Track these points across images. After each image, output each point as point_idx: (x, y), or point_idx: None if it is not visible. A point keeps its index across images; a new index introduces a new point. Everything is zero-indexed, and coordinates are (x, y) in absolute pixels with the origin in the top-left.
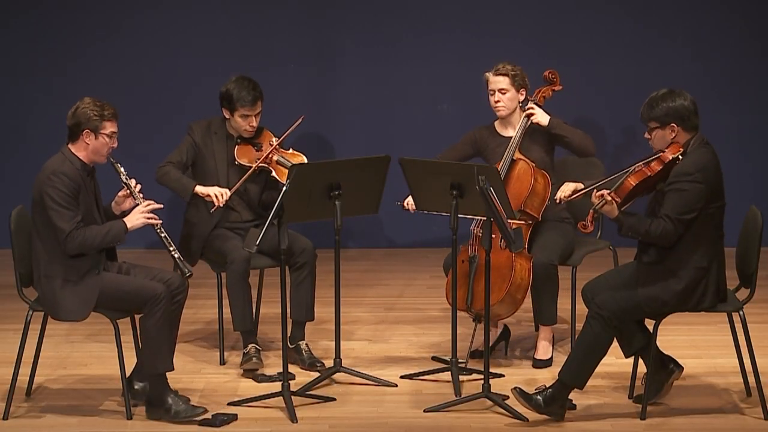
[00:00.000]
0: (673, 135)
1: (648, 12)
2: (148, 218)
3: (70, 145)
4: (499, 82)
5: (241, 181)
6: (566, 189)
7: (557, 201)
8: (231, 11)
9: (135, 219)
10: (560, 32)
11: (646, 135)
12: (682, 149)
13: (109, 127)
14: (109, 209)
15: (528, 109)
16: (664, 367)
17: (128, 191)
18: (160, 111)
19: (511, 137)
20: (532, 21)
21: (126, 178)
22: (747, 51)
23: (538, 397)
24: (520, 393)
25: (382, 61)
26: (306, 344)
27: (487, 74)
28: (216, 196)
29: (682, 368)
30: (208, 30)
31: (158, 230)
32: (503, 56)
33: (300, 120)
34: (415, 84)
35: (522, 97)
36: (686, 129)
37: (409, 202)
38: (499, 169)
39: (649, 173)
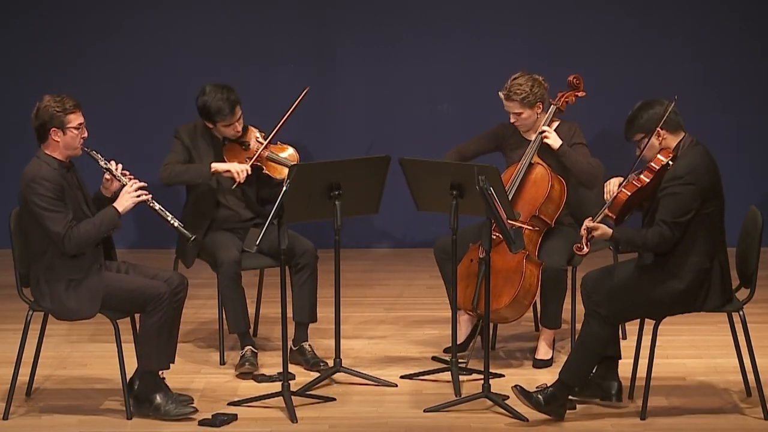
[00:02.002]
0: (661, 139)
1: (648, 12)
2: (138, 196)
3: (42, 147)
4: (511, 107)
5: (250, 164)
6: (613, 187)
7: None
8: (231, 11)
9: (125, 201)
10: (560, 32)
11: (637, 152)
12: (672, 153)
13: (75, 120)
14: (100, 195)
15: (543, 131)
16: (605, 388)
17: (111, 175)
18: (160, 111)
19: (531, 141)
20: (532, 21)
21: (105, 163)
22: (747, 51)
23: (539, 395)
24: (520, 391)
25: (382, 61)
26: (309, 345)
27: (500, 94)
28: (237, 172)
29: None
30: (208, 30)
31: (151, 204)
32: (503, 56)
33: (304, 92)
34: (415, 84)
35: (540, 110)
36: (672, 131)
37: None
38: (516, 171)
39: (639, 185)
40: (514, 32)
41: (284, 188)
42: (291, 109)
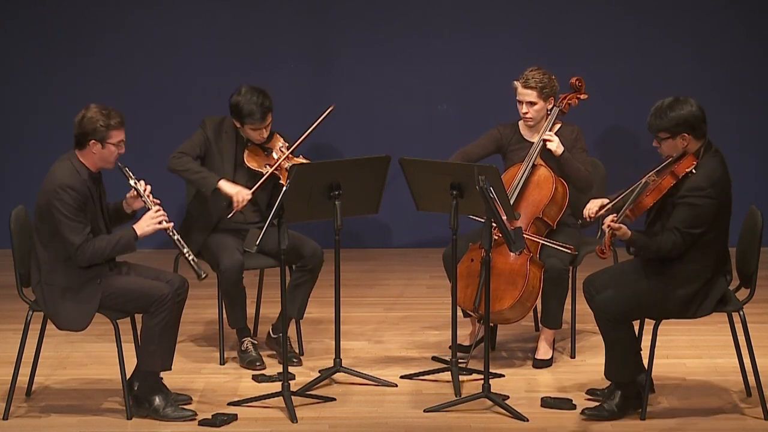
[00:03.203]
0: (685, 144)
1: (649, 12)
2: (159, 222)
3: (77, 152)
4: (527, 95)
5: (257, 186)
6: (593, 206)
7: (587, 219)
8: (232, 10)
9: (145, 225)
10: (560, 32)
11: (655, 143)
12: (695, 161)
13: (116, 136)
14: (120, 208)
15: (547, 136)
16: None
17: (137, 195)
18: (160, 111)
19: (533, 143)
20: (533, 21)
21: (135, 183)
22: (747, 51)
23: (606, 406)
24: (591, 414)
25: (382, 61)
26: (288, 338)
27: (516, 83)
28: (238, 201)
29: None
30: (209, 30)
31: (170, 233)
32: (503, 57)
33: (329, 109)
34: (415, 84)
35: (550, 105)
36: (697, 137)
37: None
38: (519, 172)
39: (665, 190)
40: (515, 33)
41: (284, 188)
42: (315, 124)
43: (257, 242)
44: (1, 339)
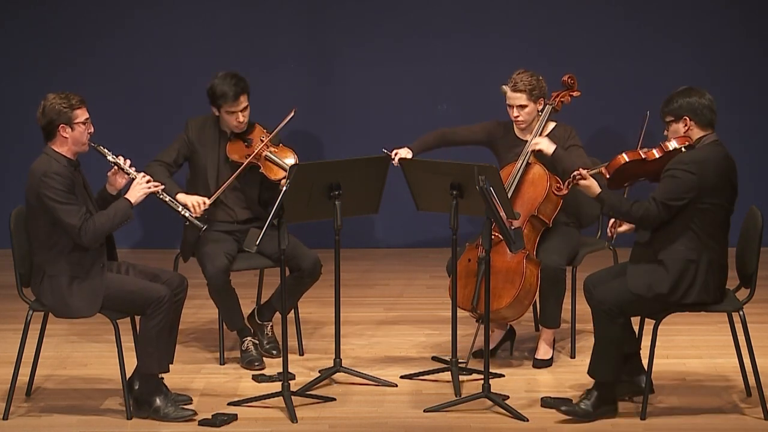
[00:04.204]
0: (686, 128)
1: (649, 12)
2: (149, 187)
3: (49, 145)
4: (517, 98)
5: (228, 182)
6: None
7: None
8: (231, 11)
9: (137, 192)
10: (560, 32)
11: (665, 132)
12: (688, 142)
13: (81, 115)
14: (105, 193)
15: (534, 143)
16: (635, 383)
17: (117, 169)
18: (160, 111)
19: (526, 141)
20: (532, 21)
21: (113, 158)
22: (747, 51)
23: (582, 405)
24: (567, 410)
25: (382, 61)
26: (271, 328)
27: (504, 88)
28: (193, 206)
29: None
30: (208, 30)
31: (161, 195)
32: (503, 56)
33: (291, 114)
34: (415, 84)
35: (540, 106)
36: (700, 124)
37: (397, 153)
38: (513, 171)
39: (643, 156)
40: (514, 32)
41: (284, 188)
42: (288, 118)
43: (257, 242)
44: (1, 339)
